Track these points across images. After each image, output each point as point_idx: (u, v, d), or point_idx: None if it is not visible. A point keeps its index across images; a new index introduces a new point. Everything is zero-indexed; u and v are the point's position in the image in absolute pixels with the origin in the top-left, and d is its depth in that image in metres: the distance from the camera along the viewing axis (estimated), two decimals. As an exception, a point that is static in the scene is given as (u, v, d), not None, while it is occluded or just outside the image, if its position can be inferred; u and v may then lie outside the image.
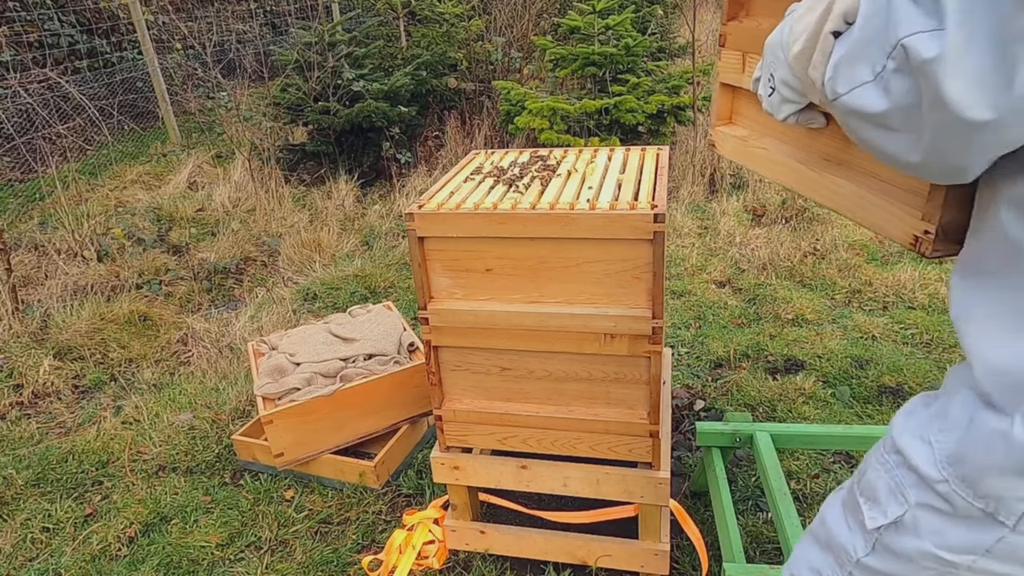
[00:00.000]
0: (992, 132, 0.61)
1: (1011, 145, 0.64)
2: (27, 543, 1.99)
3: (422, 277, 1.50)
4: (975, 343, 0.79)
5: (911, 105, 0.64)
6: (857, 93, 0.68)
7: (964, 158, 0.66)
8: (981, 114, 0.60)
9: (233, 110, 5.17)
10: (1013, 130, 0.61)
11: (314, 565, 1.84)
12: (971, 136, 0.62)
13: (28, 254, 3.78)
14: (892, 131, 0.68)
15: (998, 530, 0.74)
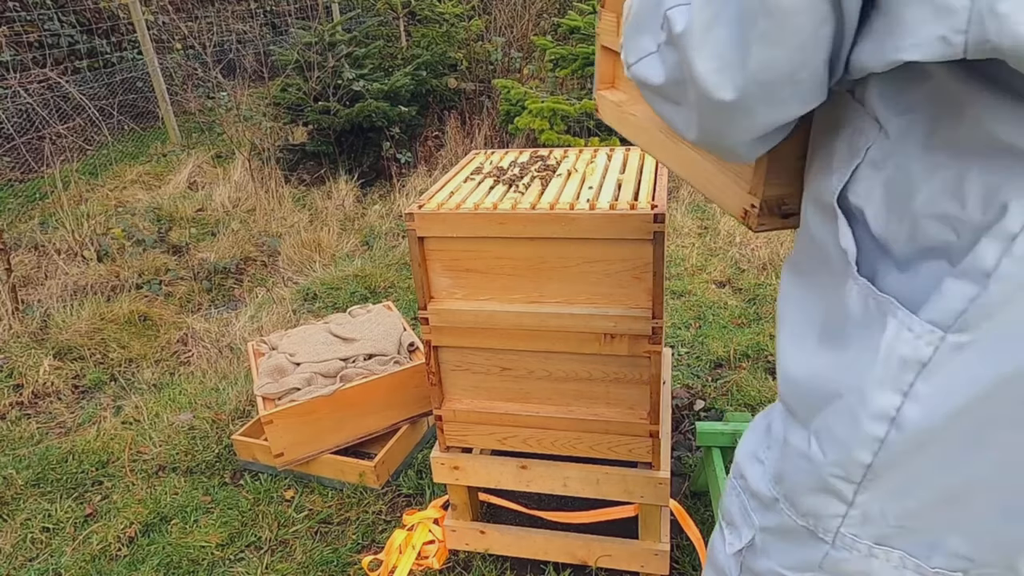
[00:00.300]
0: (742, 113, 0.61)
1: (766, 127, 0.62)
2: (27, 543, 1.99)
3: (422, 277, 1.50)
4: (779, 348, 0.76)
5: (681, 80, 0.63)
6: (643, 64, 0.67)
7: (729, 138, 0.65)
8: (725, 93, 0.59)
9: (233, 110, 5.17)
10: (760, 111, 0.60)
11: (314, 565, 1.84)
12: (724, 116, 0.62)
13: (28, 254, 3.78)
14: (675, 104, 0.67)
15: (822, 547, 0.73)
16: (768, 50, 0.56)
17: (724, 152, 0.69)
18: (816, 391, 0.70)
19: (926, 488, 0.65)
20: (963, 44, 0.49)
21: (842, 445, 0.66)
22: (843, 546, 0.71)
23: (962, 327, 0.57)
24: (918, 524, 0.66)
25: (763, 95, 0.59)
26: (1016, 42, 0.47)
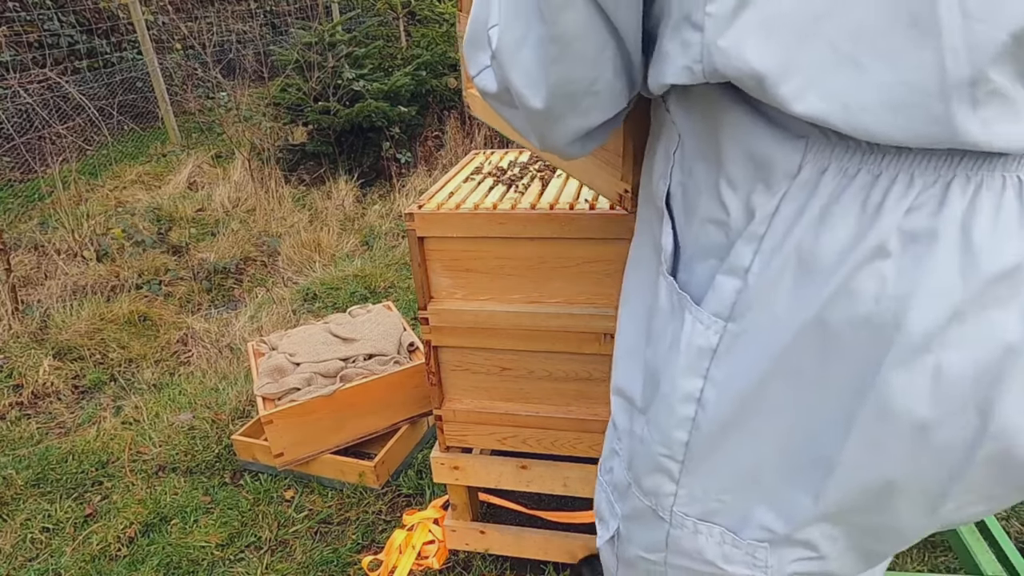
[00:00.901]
0: (553, 119, 0.69)
1: (578, 131, 0.70)
2: (27, 543, 1.99)
3: (422, 277, 1.50)
4: (617, 343, 0.83)
5: (505, 89, 0.70)
6: (481, 76, 0.74)
7: (552, 139, 0.72)
8: (537, 103, 0.67)
9: (233, 110, 5.17)
10: (568, 118, 0.68)
11: (314, 565, 1.84)
12: (542, 122, 0.70)
13: (28, 254, 3.78)
14: (513, 108, 0.73)
15: (663, 526, 0.78)
16: (562, 69, 0.64)
17: (558, 152, 0.76)
18: (647, 381, 0.78)
19: (732, 465, 0.71)
20: (701, 72, 0.58)
21: (664, 427, 0.73)
22: (678, 524, 0.77)
23: (736, 317, 0.65)
24: (730, 499, 0.72)
25: (567, 105, 0.67)
26: (737, 71, 0.56)
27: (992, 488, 0.66)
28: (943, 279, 0.56)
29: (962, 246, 0.55)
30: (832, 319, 0.59)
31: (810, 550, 0.71)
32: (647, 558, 0.83)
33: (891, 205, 0.56)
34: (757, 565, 0.73)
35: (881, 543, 0.71)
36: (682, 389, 0.70)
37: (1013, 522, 1.84)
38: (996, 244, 0.55)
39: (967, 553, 1.49)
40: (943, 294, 0.56)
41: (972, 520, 0.72)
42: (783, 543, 0.71)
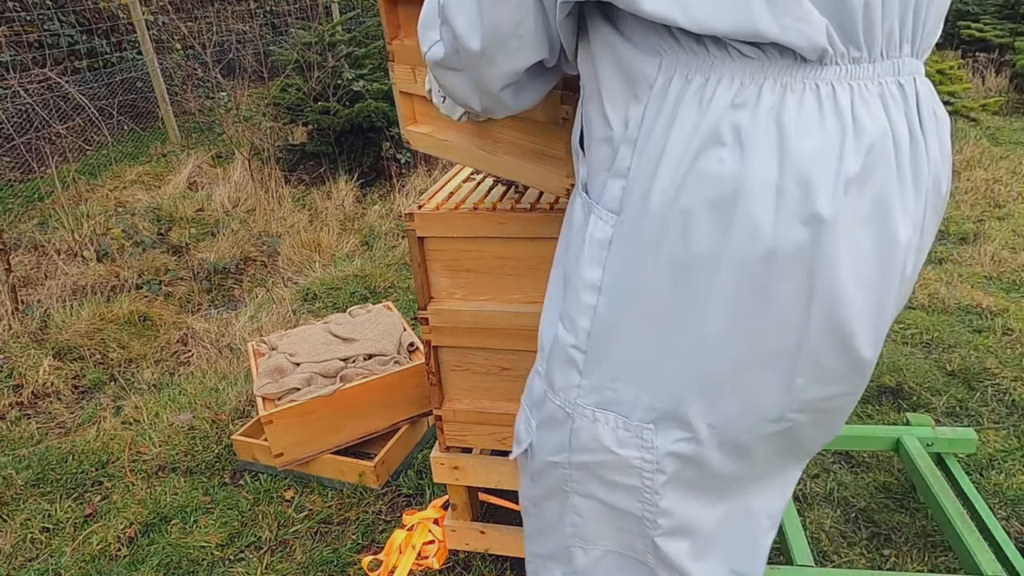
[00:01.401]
0: (487, 60, 0.82)
1: (510, 73, 0.84)
2: (27, 543, 1.99)
3: (422, 277, 1.50)
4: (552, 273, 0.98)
5: (455, 48, 0.84)
6: (432, 49, 0.88)
7: (489, 83, 0.86)
8: (474, 44, 0.81)
9: (233, 110, 5.17)
10: (499, 60, 0.82)
11: (314, 565, 1.84)
12: (479, 64, 0.83)
13: (28, 254, 3.78)
14: (456, 71, 0.88)
15: (568, 424, 0.89)
16: (493, 13, 0.78)
17: (496, 104, 0.90)
18: (564, 282, 0.89)
19: (623, 351, 0.82)
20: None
21: (573, 318, 0.85)
22: (579, 416, 0.87)
23: (622, 211, 0.78)
24: (621, 386, 0.83)
25: (498, 46, 0.80)
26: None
27: (831, 360, 0.78)
28: (765, 163, 0.69)
29: (777, 136, 0.69)
30: (690, 203, 0.72)
31: (687, 431, 0.81)
32: (553, 461, 0.92)
33: (719, 100, 0.70)
34: (645, 446, 0.83)
35: (745, 429, 0.82)
36: (586, 278, 0.82)
37: (1013, 522, 1.84)
38: (800, 135, 0.69)
39: (967, 553, 1.49)
40: (766, 176, 0.69)
41: (825, 405, 0.85)
42: (665, 422, 0.82)
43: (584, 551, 0.96)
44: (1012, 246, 3.41)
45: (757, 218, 0.70)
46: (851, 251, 0.72)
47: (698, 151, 0.71)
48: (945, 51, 6.71)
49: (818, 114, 0.69)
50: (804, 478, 2.02)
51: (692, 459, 0.83)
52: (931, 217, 0.81)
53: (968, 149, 4.74)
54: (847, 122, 0.70)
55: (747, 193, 0.70)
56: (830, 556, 1.77)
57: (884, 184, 0.72)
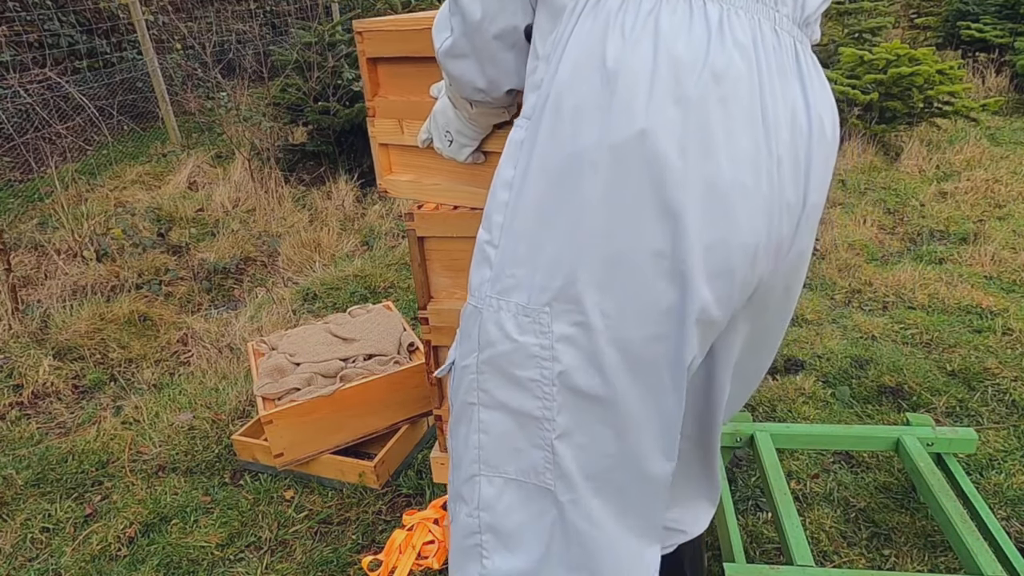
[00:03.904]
0: (489, 21, 0.94)
1: (507, 30, 0.95)
2: (27, 543, 1.99)
3: (422, 277, 1.50)
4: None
5: (463, 32, 0.97)
6: (444, 43, 1.00)
7: (489, 49, 0.97)
8: (476, 12, 0.93)
9: (233, 110, 5.17)
10: (499, 17, 0.94)
11: (314, 565, 1.84)
12: (481, 36, 0.96)
13: (28, 254, 3.78)
14: (465, 58, 1.00)
15: (478, 319, 0.94)
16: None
17: (500, 71, 1.00)
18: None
19: (525, 238, 0.88)
20: None
21: (490, 215, 0.93)
22: (486, 307, 0.93)
23: (534, 116, 0.88)
24: (521, 272, 0.89)
25: (497, 6, 0.93)
26: None
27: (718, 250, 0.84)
28: (642, 54, 0.80)
29: (653, 33, 0.80)
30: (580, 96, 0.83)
31: (580, 312, 0.86)
32: (464, 365, 0.96)
33: (610, 6, 0.83)
34: (543, 332, 0.88)
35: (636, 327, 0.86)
36: (502, 176, 0.91)
37: (1013, 522, 1.84)
38: (673, 33, 0.80)
39: (967, 553, 1.49)
40: (643, 65, 0.80)
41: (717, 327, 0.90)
42: (559, 304, 0.87)
43: (488, 480, 0.97)
44: (1012, 246, 3.41)
45: (632, 100, 0.80)
46: (722, 138, 0.81)
47: (589, 49, 0.83)
48: (945, 51, 6.71)
49: (688, 20, 0.81)
50: (804, 478, 2.02)
51: (586, 351, 0.87)
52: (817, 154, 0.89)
53: (968, 149, 4.74)
54: (713, 31, 0.81)
55: (625, 80, 0.80)
56: (830, 556, 1.77)
57: (748, 94, 0.82)
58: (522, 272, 0.89)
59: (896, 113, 4.80)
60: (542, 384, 0.90)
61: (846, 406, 2.32)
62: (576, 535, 0.94)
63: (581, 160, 0.83)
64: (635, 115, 0.80)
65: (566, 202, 0.85)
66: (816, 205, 0.93)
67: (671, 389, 0.89)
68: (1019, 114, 5.74)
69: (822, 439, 1.86)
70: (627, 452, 0.92)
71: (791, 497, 1.64)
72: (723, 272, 0.85)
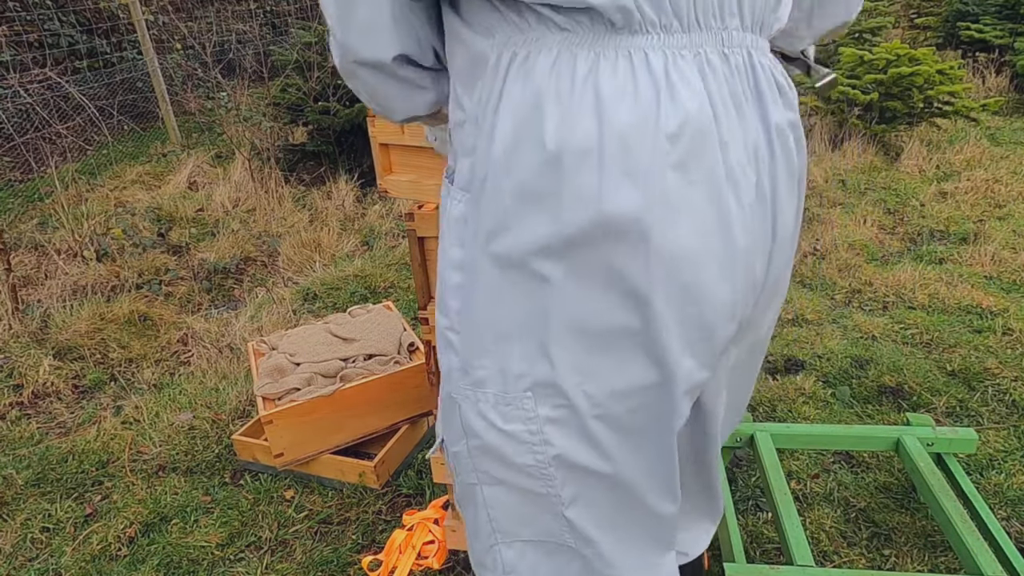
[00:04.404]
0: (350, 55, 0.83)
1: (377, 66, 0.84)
2: (27, 543, 1.99)
3: (422, 277, 1.50)
4: None
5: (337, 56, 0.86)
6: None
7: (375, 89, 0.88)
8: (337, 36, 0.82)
9: (233, 110, 5.16)
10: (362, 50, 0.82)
11: (314, 565, 1.84)
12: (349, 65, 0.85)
13: (28, 254, 3.78)
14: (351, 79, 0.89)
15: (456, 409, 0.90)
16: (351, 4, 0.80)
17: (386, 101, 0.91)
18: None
19: (489, 326, 0.82)
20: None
21: (445, 300, 0.86)
22: (463, 398, 0.88)
23: (472, 188, 0.80)
24: (489, 363, 0.83)
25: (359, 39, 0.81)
26: None
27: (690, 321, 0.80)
28: (585, 128, 0.72)
29: (594, 101, 0.72)
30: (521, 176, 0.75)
31: (562, 396, 0.82)
32: (455, 451, 0.93)
33: (541, 71, 0.74)
34: (529, 418, 0.84)
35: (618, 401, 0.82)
36: (450, 257, 0.85)
37: (1013, 522, 1.84)
38: (615, 99, 0.72)
39: (967, 553, 1.49)
40: (587, 141, 0.72)
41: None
42: (540, 387, 0.82)
43: (507, 546, 0.96)
44: (1012, 246, 3.40)
45: (581, 186, 0.72)
46: (683, 207, 0.74)
47: (524, 122, 0.74)
48: (945, 51, 6.71)
49: (631, 78, 0.72)
50: (804, 478, 2.02)
51: (577, 430, 0.84)
52: (783, 179, 0.84)
53: (968, 149, 4.74)
54: (661, 85, 0.72)
55: (569, 162, 0.72)
56: (830, 556, 1.77)
57: (705, 148, 0.74)
58: (492, 363, 0.83)
59: (896, 113, 4.80)
60: (540, 467, 0.87)
61: (846, 406, 2.32)
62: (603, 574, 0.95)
63: (535, 250, 0.76)
64: (586, 201, 0.72)
65: (528, 293, 0.78)
66: (786, 238, 0.88)
67: (669, 446, 0.88)
68: (1019, 114, 5.74)
69: (822, 439, 1.86)
70: (637, 504, 0.92)
71: (791, 497, 1.64)
72: (702, 338, 0.81)
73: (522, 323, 0.80)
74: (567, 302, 0.77)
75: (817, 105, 5.06)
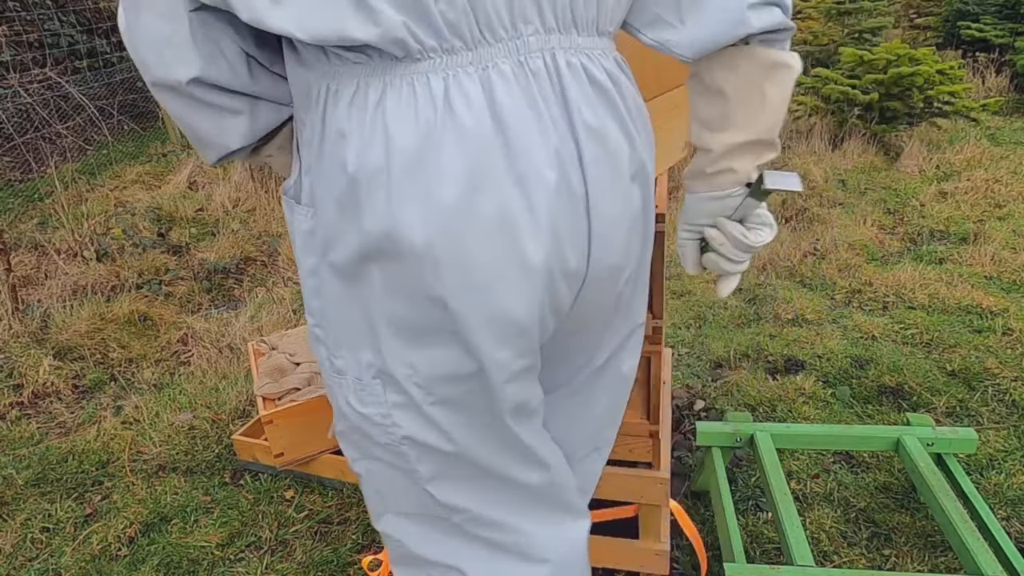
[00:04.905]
0: (145, 70, 0.85)
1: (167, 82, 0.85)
2: (27, 543, 1.99)
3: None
4: None
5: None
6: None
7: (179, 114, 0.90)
8: (133, 53, 0.84)
9: (233, 110, 5.15)
10: (153, 68, 0.83)
11: (314, 565, 1.84)
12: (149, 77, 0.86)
13: (28, 254, 3.78)
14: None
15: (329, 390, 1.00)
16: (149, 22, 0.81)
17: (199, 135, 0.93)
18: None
19: (342, 325, 0.90)
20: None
21: (309, 302, 0.93)
22: (333, 384, 0.96)
23: (314, 204, 0.85)
24: (346, 353, 0.91)
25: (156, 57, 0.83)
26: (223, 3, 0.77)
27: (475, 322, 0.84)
28: (376, 155, 0.78)
29: (383, 130, 0.77)
30: (334, 197, 0.82)
31: (398, 384, 0.88)
32: (338, 431, 1.01)
33: (342, 103, 0.79)
34: (380, 402, 0.90)
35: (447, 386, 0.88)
36: (305, 266, 0.90)
37: (1013, 522, 1.84)
38: (398, 125, 0.77)
39: (967, 553, 1.49)
40: (376, 165, 0.78)
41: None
42: (383, 375, 0.88)
43: (394, 516, 1.04)
44: (1012, 246, 3.41)
45: (375, 205, 0.78)
46: (467, 218, 0.78)
47: (334, 148, 0.80)
48: (945, 51, 6.71)
49: (413, 103, 0.77)
50: (804, 478, 2.02)
51: (419, 415, 0.89)
52: (601, 177, 0.84)
53: (968, 149, 4.74)
54: (439, 106, 0.76)
55: (365, 183, 0.79)
56: (830, 556, 1.77)
57: (485, 159, 0.77)
58: (347, 354, 0.91)
59: (896, 113, 4.80)
60: (395, 447, 0.92)
61: (846, 406, 2.32)
62: (493, 541, 1.00)
63: (355, 260, 0.83)
64: (379, 220, 0.78)
65: (357, 296, 0.86)
66: (612, 235, 0.87)
67: (506, 426, 0.92)
68: (1019, 114, 5.74)
69: (822, 439, 1.86)
70: (495, 476, 0.96)
71: (791, 497, 1.64)
72: (516, 332, 0.85)
73: (359, 322, 0.87)
74: (384, 304, 0.84)
75: (817, 105, 5.06)
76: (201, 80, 0.84)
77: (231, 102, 0.89)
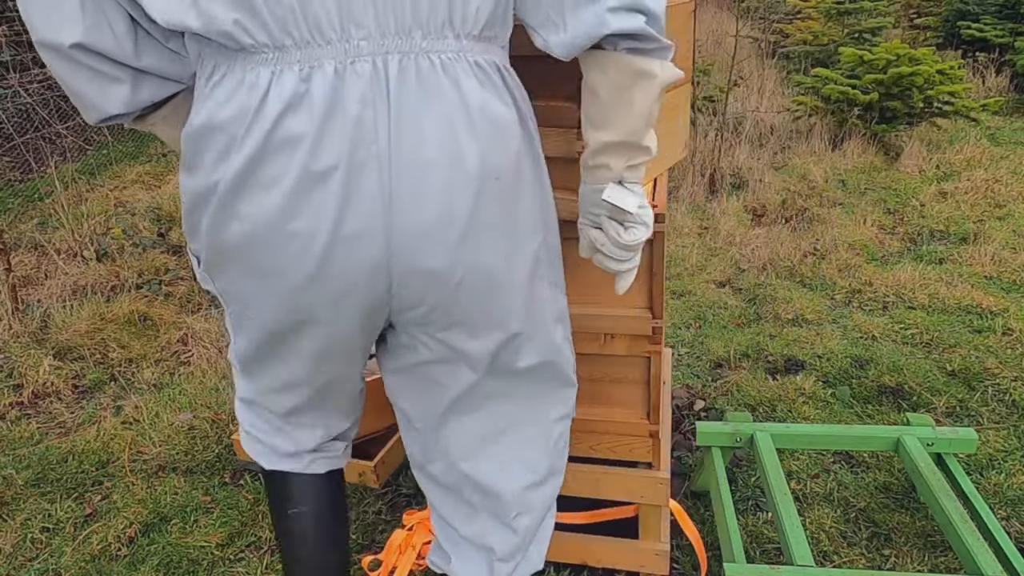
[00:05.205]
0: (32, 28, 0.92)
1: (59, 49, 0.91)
2: (27, 543, 1.99)
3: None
4: None
5: None
6: None
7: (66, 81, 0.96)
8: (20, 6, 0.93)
9: (233, 110, 5.15)
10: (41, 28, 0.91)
11: (314, 565, 1.84)
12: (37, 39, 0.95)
13: (28, 254, 3.78)
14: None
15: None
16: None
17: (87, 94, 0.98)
18: None
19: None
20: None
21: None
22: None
23: None
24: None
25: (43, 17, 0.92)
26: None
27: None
28: (199, 119, 0.88)
29: (210, 107, 0.88)
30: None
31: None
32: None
33: (202, 76, 0.89)
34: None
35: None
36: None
37: (1013, 522, 1.84)
38: (219, 106, 0.87)
39: (967, 553, 1.49)
40: (198, 128, 0.89)
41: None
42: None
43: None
44: (1012, 246, 3.41)
45: (191, 161, 0.92)
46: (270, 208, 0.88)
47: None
48: (945, 51, 6.72)
49: (236, 89, 0.85)
50: (804, 478, 2.02)
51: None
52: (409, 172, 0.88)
53: (968, 149, 4.74)
54: (257, 97, 0.84)
55: (189, 143, 0.91)
56: (830, 556, 1.77)
57: (285, 150, 0.85)
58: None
59: (896, 113, 4.80)
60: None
61: (846, 406, 2.32)
62: None
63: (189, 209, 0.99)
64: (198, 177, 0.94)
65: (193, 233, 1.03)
66: (433, 271, 0.93)
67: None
68: (1019, 114, 5.74)
69: (822, 439, 1.86)
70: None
71: (791, 497, 1.64)
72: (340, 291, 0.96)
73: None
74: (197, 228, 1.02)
75: (817, 105, 5.06)
76: (83, 45, 0.88)
77: (113, 70, 0.93)
